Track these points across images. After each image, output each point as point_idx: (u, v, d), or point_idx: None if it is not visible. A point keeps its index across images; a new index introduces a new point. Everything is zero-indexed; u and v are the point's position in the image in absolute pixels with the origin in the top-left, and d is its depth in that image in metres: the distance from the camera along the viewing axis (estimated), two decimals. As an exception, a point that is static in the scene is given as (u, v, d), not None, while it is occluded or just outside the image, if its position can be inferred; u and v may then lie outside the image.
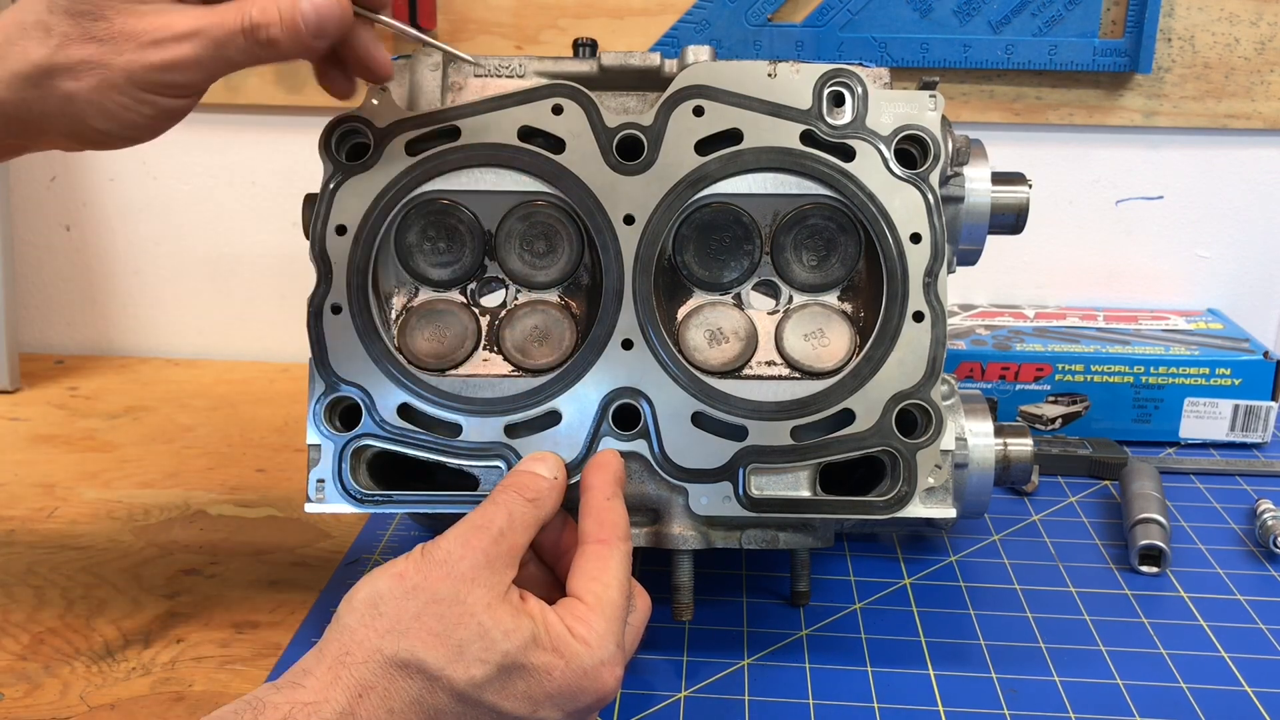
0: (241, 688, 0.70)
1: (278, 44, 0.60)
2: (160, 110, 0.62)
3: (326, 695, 0.53)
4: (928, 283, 0.70)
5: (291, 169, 1.22)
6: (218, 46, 0.60)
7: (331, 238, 0.70)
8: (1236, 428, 1.04)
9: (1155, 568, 0.84)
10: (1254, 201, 1.17)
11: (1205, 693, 0.70)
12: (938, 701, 0.69)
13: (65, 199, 1.25)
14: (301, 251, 0.72)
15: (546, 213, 0.72)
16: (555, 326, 0.73)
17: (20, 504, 0.93)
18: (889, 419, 0.69)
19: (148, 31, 0.59)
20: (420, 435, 0.70)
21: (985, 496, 0.74)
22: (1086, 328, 1.11)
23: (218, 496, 0.95)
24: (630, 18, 1.12)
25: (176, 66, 0.60)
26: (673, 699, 0.70)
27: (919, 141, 0.70)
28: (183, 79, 0.61)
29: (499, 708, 0.56)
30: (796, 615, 0.78)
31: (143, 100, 0.61)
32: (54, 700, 0.69)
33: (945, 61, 1.10)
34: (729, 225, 0.73)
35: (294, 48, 0.61)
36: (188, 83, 0.61)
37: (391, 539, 0.88)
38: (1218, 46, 1.10)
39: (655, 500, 0.71)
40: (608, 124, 0.70)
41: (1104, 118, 1.13)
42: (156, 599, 0.80)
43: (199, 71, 0.60)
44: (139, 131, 0.63)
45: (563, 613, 0.59)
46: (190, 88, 0.62)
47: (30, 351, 1.28)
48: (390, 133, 0.70)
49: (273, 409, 1.13)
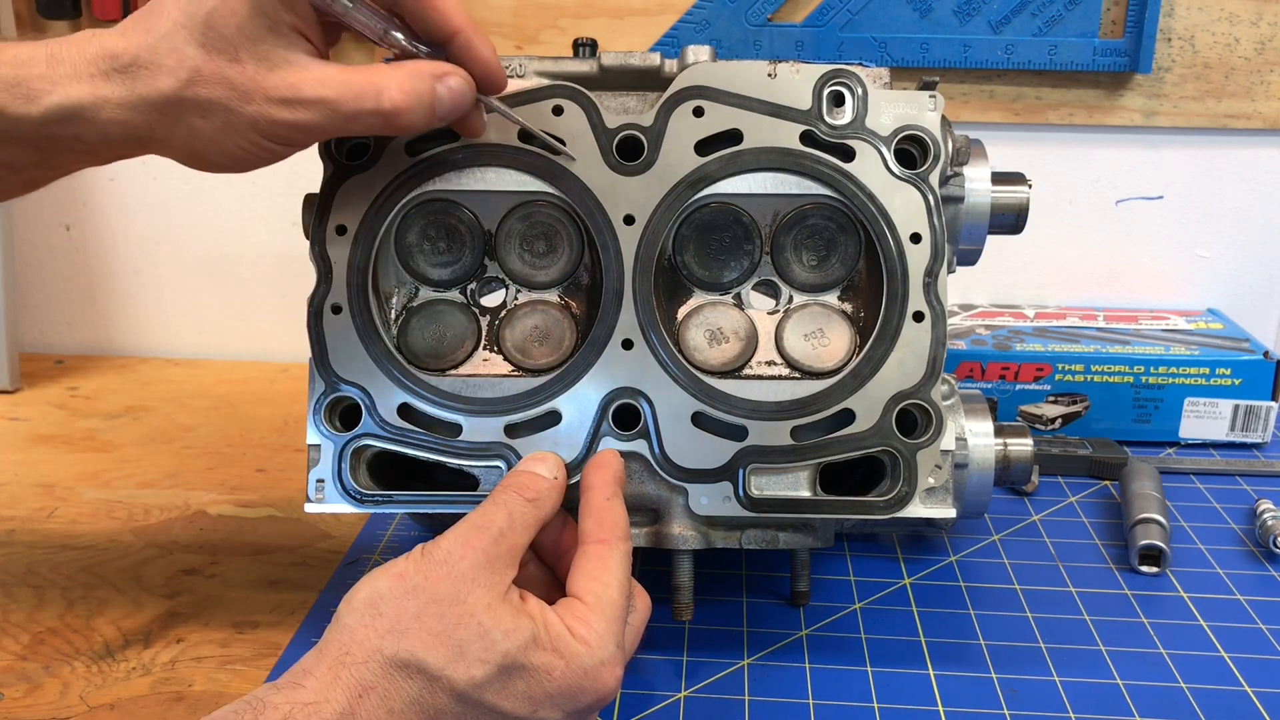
0: (241, 688, 0.70)
1: (411, 127, 0.62)
2: (276, 153, 0.63)
3: (326, 695, 0.53)
4: (928, 283, 0.70)
5: (291, 169, 1.21)
6: (346, 120, 0.60)
7: (331, 238, 0.70)
8: (1236, 428, 1.04)
9: (1155, 568, 0.84)
10: (1254, 201, 1.17)
11: (1205, 693, 0.70)
12: (938, 701, 0.69)
13: (65, 199, 1.25)
14: (301, 251, 0.72)
15: (546, 213, 0.72)
16: (555, 326, 0.73)
17: (20, 504, 0.93)
18: (889, 419, 0.69)
19: (277, 89, 0.59)
20: (420, 435, 0.70)
21: (985, 496, 0.74)
22: (1086, 328, 1.11)
23: (218, 496, 0.95)
24: (630, 18, 1.12)
25: (301, 128, 0.60)
26: (673, 699, 0.70)
27: (919, 141, 0.70)
28: (303, 138, 0.62)
29: (499, 708, 0.56)
30: (796, 615, 0.78)
31: (261, 145, 0.62)
32: (54, 700, 0.69)
33: (945, 61, 1.10)
34: (729, 225, 0.73)
35: (422, 127, 0.63)
36: (308, 141, 0.63)
37: (391, 539, 0.88)
38: (1218, 46, 1.10)
39: (655, 500, 0.71)
40: (608, 124, 0.70)
41: (1104, 118, 1.13)
42: (156, 599, 0.80)
43: (321, 134, 0.62)
44: (250, 166, 0.64)
45: (563, 613, 0.59)
46: (309, 142, 0.63)
47: (30, 351, 1.28)
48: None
49: (273, 409, 1.13)
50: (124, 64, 0.59)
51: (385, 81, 0.60)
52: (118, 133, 0.60)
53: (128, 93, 0.59)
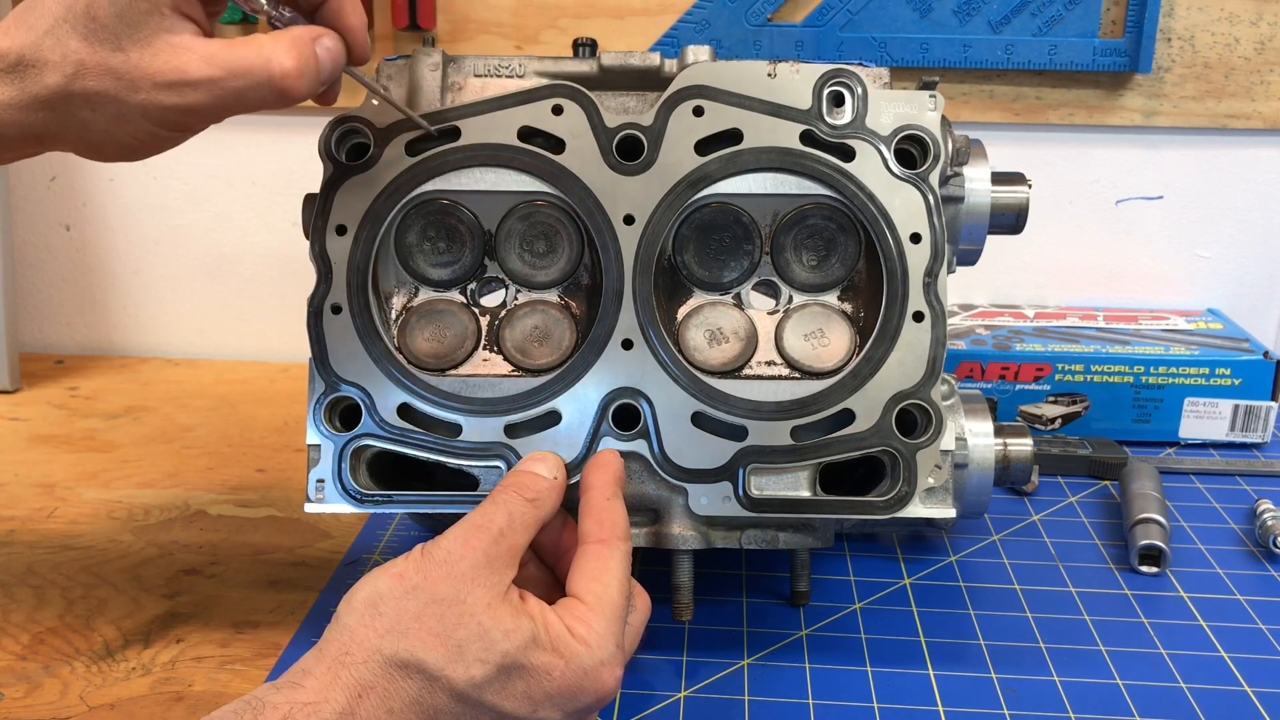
0: (241, 688, 0.70)
1: (301, 93, 0.61)
2: (173, 138, 0.62)
3: (326, 695, 0.53)
4: (928, 283, 0.70)
5: (291, 169, 1.22)
6: (236, 97, 0.60)
7: (331, 238, 0.70)
8: (1236, 428, 1.04)
9: (1155, 568, 0.84)
10: (1254, 201, 1.17)
11: (1205, 693, 0.70)
12: (938, 701, 0.69)
13: (65, 199, 1.25)
14: (301, 251, 0.72)
15: (546, 213, 0.72)
16: (555, 326, 0.73)
17: (20, 504, 0.93)
18: (889, 419, 0.69)
19: (162, 73, 0.58)
20: (420, 435, 0.70)
21: (985, 496, 0.74)
22: (1086, 328, 1.11)
23: (218, 496, 0.95)
24: (630, 18, 1.12)
25: (191, 111, 0.60)
26: (673, 699, 0.70)
27: (919, 141, 0.70)
28: (196, 121, 0.61)
29: (499, 708, 0.56)
30: (796, 615, 0.78)
31: (154, 133, 0.61)
32: (54, 700, 0.69)
33: (945, 61, 1.10)
34: (729, 225, 0.73)
35: (308, 94, 0.62)
36: (201, 123, 0.62)
37: (391, 539, 0.88)
38: (1218, 46, 1.10)
39: (655, 500, 0.71)
40: (608, 124, 0.70)
41: (1104, 118, 1.13)
42: (156, 599, 0.80)
43: (213, 115, 0.61)
44: (149, 153, 0.63)
45: (562, 613, 0.59)
46: (203, 124, 0.62)
47: (30, 351, 1.28)
48: (390, 133, 0.70)
49: (273, 409, 1.13)
50: (10, 64, 0.59)
51: (271, 50, 0.59)
52: (13, 133, 0.60)
53: (18, 92, 0.59)
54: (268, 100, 0.60)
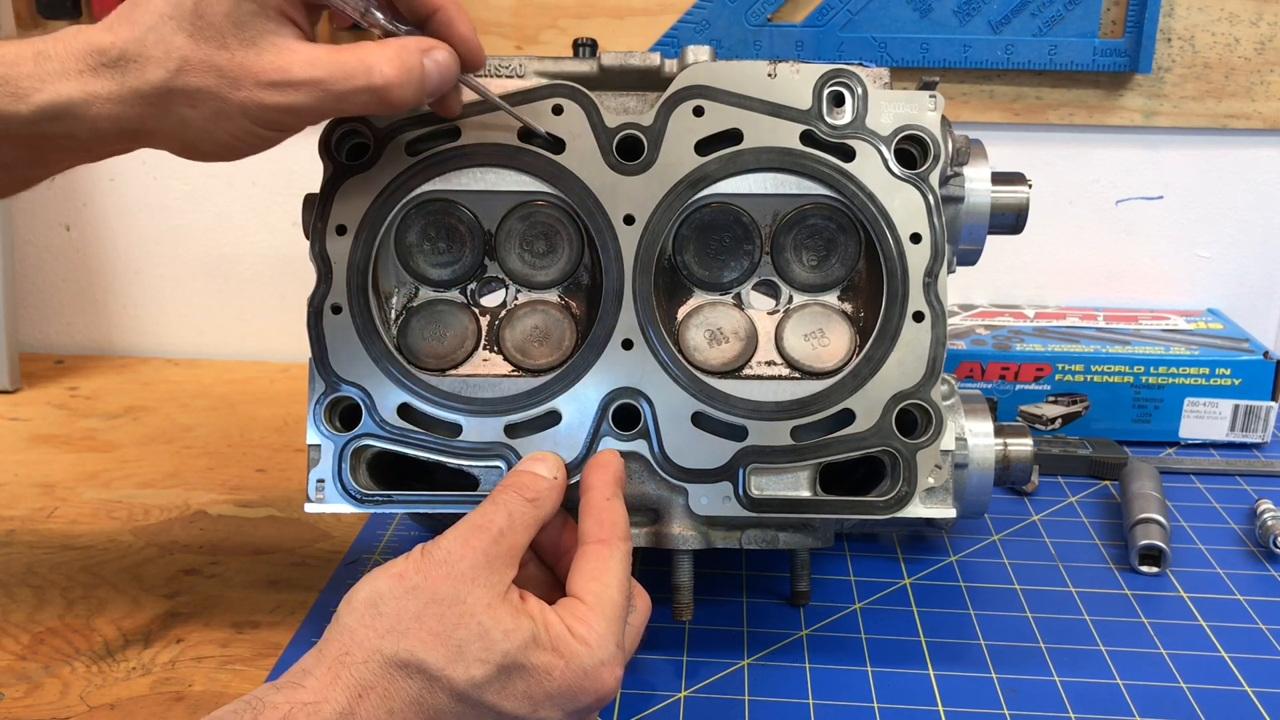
0: (241, 688, 0.70)
1: (403, 102, 0.61)
2: (268, 139, 0.63)
3: (326, 695, 0.53)
4: (928, 283, 0.70)
5: (291, 169, 1.22)
6: (338, 100, 0.60)
7: (331, 237, 0.70)
8: (1236, 428, 1.04)
9: (1155, 568, 0.84)
10: (1254, 201, 1.17)
11: (1205, 693, 0.70)
12: (938, 701, 0.69)
13: (65, 199, 1.25)
14: (301, 251, 0.72)
15: (546, 213, 0.72)
16: (555, 326, 0.73)
17: (20, 504, 0.93)
18: (889, 419, 0.69)
19: (266, 72, 0.59)
20: (420, 435, 0.70)
21: (985, 496, 0.74)
22: (1086, 328, 1.11)
23: (218, 496, 0.95)
24: (630, 18, 1.12)
25: (292, 111, 0.60)
26: (673, 699, 0.70)
27: (919, 141, 0.70)
28: (295, 122, 0.62)
29: (499, 708, 0.56)
30: (796, 615, 0.78)
31: (253, 132, 0.62)
32: (54, 700, 0.69)
33: (945, 61, 1.10)
34: (729, 225, 0.73)
35: (412, 103, 0.62)
36: (300, 124, 0.62)
37: (391, 539, 0.88)
38: (1218, 46, 1.10)
39: (655, 500, 0.71)
40: (608, 124, 0.70)
41: (1104, 118, 1.13)
42: (156, 599, 0.80)
43: (313, 116, 0.62)
44: (243, 153, 0.64)
45: (563, 613, 0.59)
46: (300, 125, 0.63)
47: (30, 351, 1.28)
48: (390, 133, 0.70)
49: (273, 409, 1.13)
50: (112, 58, 0.59)
51: (375, 58, 0.60)
52: (109, 128, 0.60)
53: (118, 87, 0.59)
54: (370, 106, 0.61)
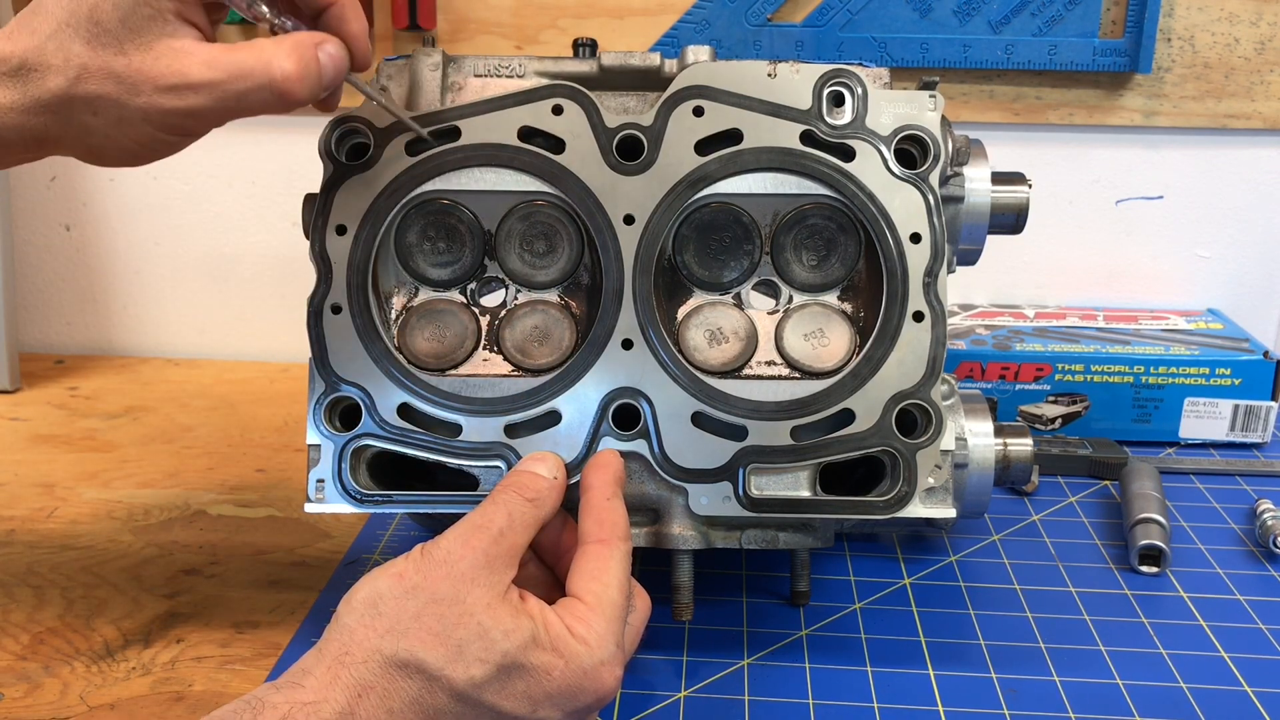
0: (241, 688, 0.70)
1: (301, 97, 0.61)
2: (173, 144, 0.63)
3: (326, 695, 0.53)
4: (928, 283, 0.70)
5: (291, 169, 1.22)
6: (238, 100, 0.60)
7: (331, 238, 0.70)
8: (1236, 428, 1.04)
9: (1155, 568, 0.84)
10: (1254, 201, 1.17)
11: (1205, 693, 0.70)
12: (938, 701, 0.69)
13: (65, 199, 1.25)
14: (301, 251, 0.72)
15: (546, 213, 0.72)
16: (555, 326, 0.73)
17: (20, 504, 0.93)
18: (889, 419, 0.69)
19: (163, 76, 0.59)
20: (420, 435, 0.70)
21: (985, 496, 0.74)
22: (1086, 328, 1.11)
23: (218, 496, 0.95)
24: (630, 18, 1.12)
25: (193, 114, 0.60)
26: (673, 699, 0.70)
27: (919, 141, 0.70)
28: (198, 125, 0.62)
29: (498, 707, 0.56)
30: (796, 615, 0.78)
31: (156, 137, 0.61)
32: (54, 700, 0.69)
33: (945, 61, 1.10)
34: (729, 225, 0.73)
35: (309, 98, 0.62)
36: (202, 127, 0.62)
37: (391, 539, 0.88)
38: (1218, 46, 1.10)
39: (655, 500, 0.71)
40: (608, 124, 0.70)
41: (1104, 118, 1.13)
42: (156, 599, 0.80)
43: (215, 118, 0.61)
44: (149, 158, 0.64)
45: (562, 612, 0.59)
46: (204, 128, 0.63)
47: (30, 351, 1.28)
48: (390, 133, 0.70)
49: (273, 409, 1.13)
50: (13, 67, 0.59)
51: (272, 54, 0.59)
52: (14, 137, 0.60)
53: (20, 96, 0.59)
54: (269, 104, 0.60)
